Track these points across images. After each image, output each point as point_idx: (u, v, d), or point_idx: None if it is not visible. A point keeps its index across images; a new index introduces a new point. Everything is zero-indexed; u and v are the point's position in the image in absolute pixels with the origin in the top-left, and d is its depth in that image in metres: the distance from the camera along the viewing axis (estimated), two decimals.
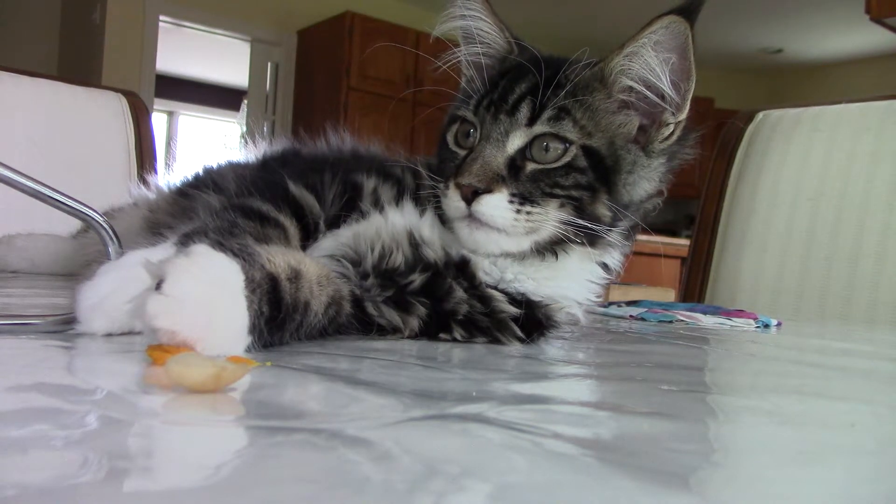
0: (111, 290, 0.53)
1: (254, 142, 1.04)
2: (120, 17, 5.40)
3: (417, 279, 0.70)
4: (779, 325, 1.18)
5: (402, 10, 6.36)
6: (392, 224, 0.72)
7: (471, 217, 0.68)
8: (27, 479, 0.25)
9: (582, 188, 0.70)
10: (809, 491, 0.32)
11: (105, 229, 0.66)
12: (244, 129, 6.97)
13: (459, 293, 0.70)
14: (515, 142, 0.70)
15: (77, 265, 1.14)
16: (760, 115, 1.80)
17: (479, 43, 0.79)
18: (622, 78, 0.72)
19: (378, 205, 0.73)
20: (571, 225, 0.69)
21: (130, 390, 0.41)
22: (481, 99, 0.73)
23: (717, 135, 1.87)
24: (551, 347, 0.72)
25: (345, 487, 0.27)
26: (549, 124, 0.69)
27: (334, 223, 0.72)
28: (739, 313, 1.22)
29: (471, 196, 0.68)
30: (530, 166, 0.70)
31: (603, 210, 0.71)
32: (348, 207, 0.72)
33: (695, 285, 1.77)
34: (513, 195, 0.68)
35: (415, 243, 0.71)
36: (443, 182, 0.71)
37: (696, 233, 1.80)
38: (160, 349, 0.45)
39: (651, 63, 0.70)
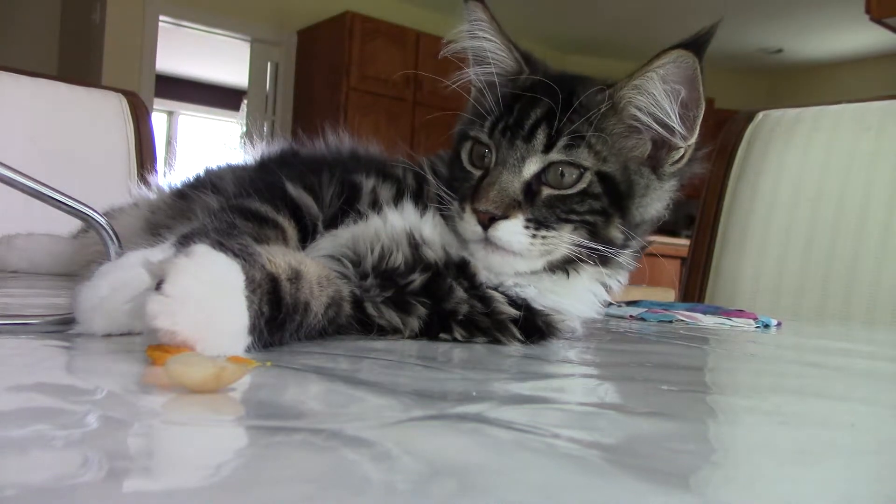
0: (111, 291, 0.53)
1: (253, 142, 1.04)
2: (120, 17, 5.39)
3: (417, 279, 0.70)
4: (779, 325, 1.18)
5: (402, 10, 6.36)
6: (391, 224, 0.72)
7: (487, 241, 0.69)
8: (27, 479, 0.25)
9: (596, 213, 0.70)
10: (809, 491, 0.32)
11: (105, 229, 0.66)
12: (244, 129, 6.98)
13: (460, 293, 0.70)
14: (531, 167, 0.70)
15: (77, 265, 1.15)
16: (760, 115, 1.80)
17: (488, 63, 0.78)
18: (631, 108, 0.72)
19: (377, 205, 0.73)
20: (584, 248, 0.70)
21: (130, 390, 0.41)
22: (496, 122, 0.73)
23: (717, 135, 1.87)
24: (551, 347, 0.72)
25: (345, 487, 0.27)
26: (565, 152, 0.70)
27: (332, 224, 0.72)
28: (739, 313, 1.22)
29: (488, 222, 0.68)
30: (546, 191, 0.70)
31: (616, 233, 0.72)
32: (346, 208, 0.72)
33: (695, 285, 1.77)
34: (528, 220, 0.69)
35: (414, 244, 0.71)
36: (457, 201, 0.72)
37: (696, 233, 1.80)
38: (160, 349, 0.45)
39: (658, 98, 0.70)
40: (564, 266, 0.73)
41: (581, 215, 0.70)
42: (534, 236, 0.68)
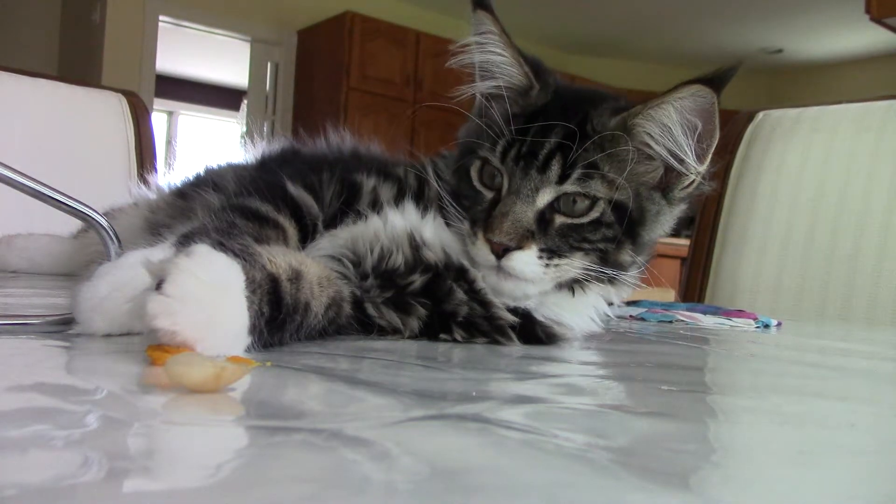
0: (111, 291, 0.53)
1: (253, 142, 1.04)
2: (120, 17, 5.40)
3: (418, 280, 0.70)
4: (779, 325, 1.18)
5: (402, 10, 6.36)
6: (392, 225, 0.71)
7: (499, 268, 0.69)
8: (27, 479, 0.25)
9: (608, 241, 0.71)
10: (809, 491, 0.32)
11: (105, 229, 0.66)
12: (244, 129, 6.98)
13: (459, 295, 0.70)
14: (545, 197, 0.70)
15: (77, 265, 1.15)
16: (760, 115, 1.80)
17: (496, 77, 0.77)
18: (644, 136, 0.71)
19: (377, 205, 0.73)
20: (594, 271, 0.71)
21: (130, 390, 0.41)
22: (507, 147, 0.72)
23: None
24: (551, 348, 0.72)
25: (345, 487, 0.27)
26: (579, 184, 0.69)
27: (332, 223, 0.72)
28: (739, 313, 1.22)
29: (501, 252, 0.68)
30: (559, 220, 0.70)
31: (626, 257, 0.73)
32: (346, 208, 0.72)
33: (695, 285, 1.77)
34: (542, 250, 0.69)
35: (415, 245, 0.71)
36: (468, 223, 0.72)
37: (696, 233, 1.80)
38: (160, 349, 0.45)
39: (674, 130, 0.69)
40: (572, 285, 0.73)
41: (593, 243, 0.70)
42: (547, 265, 0.69)
